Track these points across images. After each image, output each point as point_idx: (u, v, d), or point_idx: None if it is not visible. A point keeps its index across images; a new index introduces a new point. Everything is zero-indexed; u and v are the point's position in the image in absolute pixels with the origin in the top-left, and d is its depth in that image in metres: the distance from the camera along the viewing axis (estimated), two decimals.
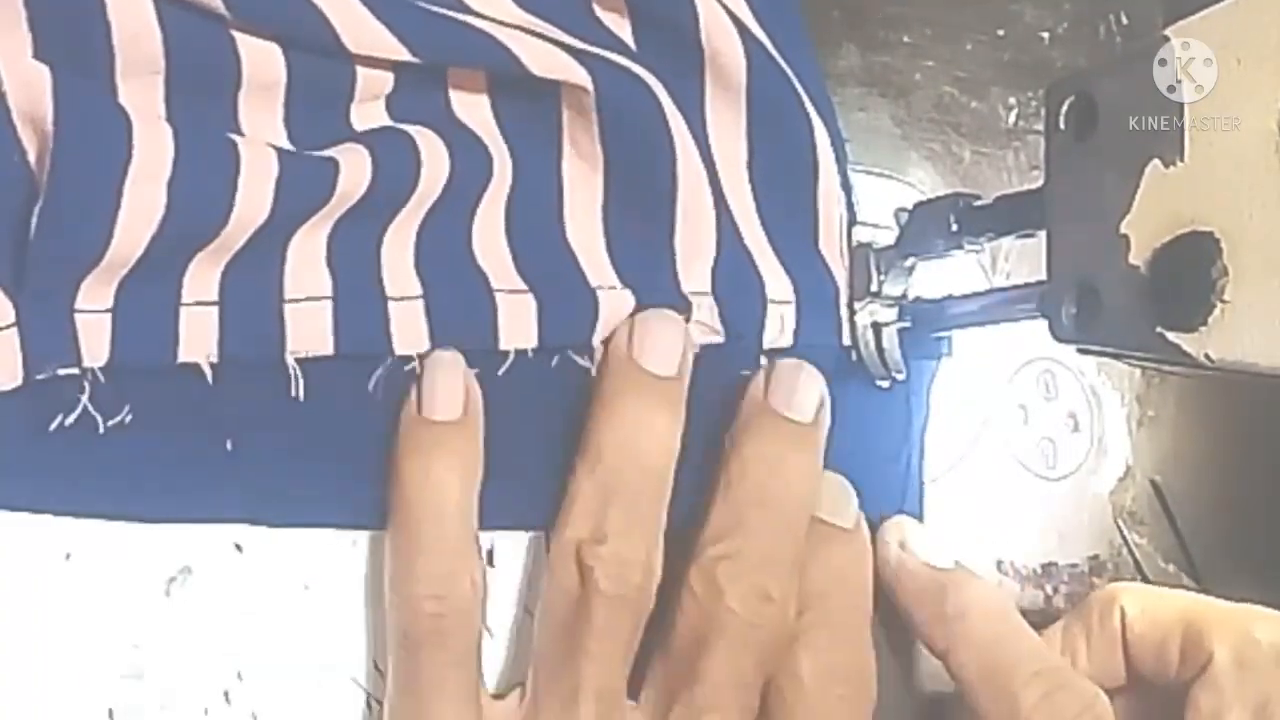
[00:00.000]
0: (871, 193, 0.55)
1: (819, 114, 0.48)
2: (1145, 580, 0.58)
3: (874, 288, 0.50)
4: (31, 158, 0.38)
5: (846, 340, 0.49)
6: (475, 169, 0.44)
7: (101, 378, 0.40)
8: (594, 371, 0.45)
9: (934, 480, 0.55)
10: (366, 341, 0.42)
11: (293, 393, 0.42)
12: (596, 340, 0.45)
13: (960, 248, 0.47)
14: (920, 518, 0.51)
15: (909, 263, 0.50)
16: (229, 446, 0.42)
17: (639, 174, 0.46)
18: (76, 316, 0.39)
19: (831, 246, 0.49)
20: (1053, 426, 0.58)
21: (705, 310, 0.46)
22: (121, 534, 0.42)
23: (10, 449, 0.40)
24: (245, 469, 0.42)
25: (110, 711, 0.42)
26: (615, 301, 0.45)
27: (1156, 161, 0.38)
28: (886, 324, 0.49)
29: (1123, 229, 0.39)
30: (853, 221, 0.50)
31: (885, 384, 0.50)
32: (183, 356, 0.41)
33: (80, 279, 0.38)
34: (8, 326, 0.38)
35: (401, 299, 0.43)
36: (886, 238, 0.50)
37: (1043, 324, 0.42)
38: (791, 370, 0.45)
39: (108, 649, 0.42)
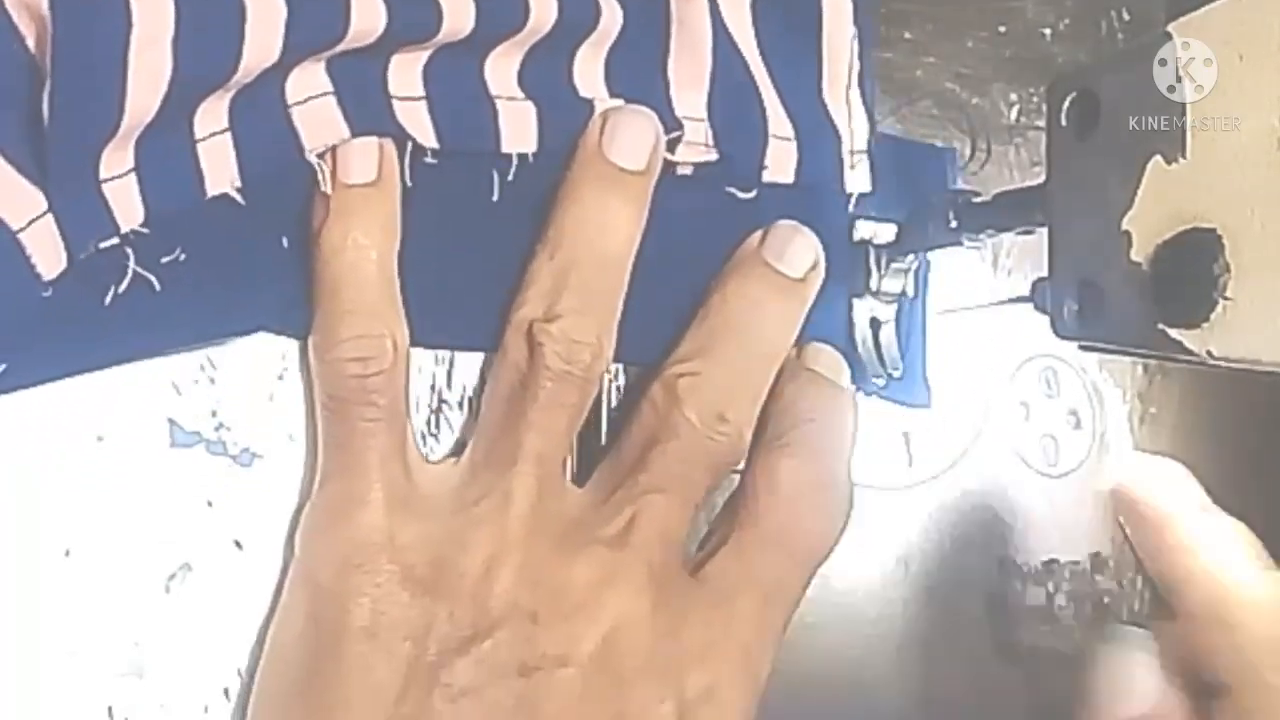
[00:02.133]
0: None
1: None
2: (1146, 577, 0.58)
3: (873, 285, 0.50)
4: (31, 43, 0.38)
5: (849, 187, 0.50)
6: (505, 10, 0.45)
7: (146, 230, 0.40)
8: None
9: (935, 477, 0.55)
10: (377, 125, 0.43)
11: (323, 186, 0.42)
12: None
13: (960, 244, 0.47)
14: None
15: (909, 260, 0.50)
16: (285, 244, 0.43)
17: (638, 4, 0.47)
18: (104, 187, 0.39)
19: (836, 96, 0.50)
20: (1054, 423, 0.58)
21: (700, 133, 0.47)
22: (121, 531, 0.42)
23: (74, 327, 0.40)
24: (305, 261, 0.43)
25: (110, 709, 0.42)
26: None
27: (1158, 158, 0.38)
28: (885, 321, 0.49)
29: (1125, 225, 0.39)
30: (864, 72, 0.51)
31: (881, 381, 0.50)
32: (210, 190, 0.41)
33: (100, 152, 0.38)
34: (42, 215, 0.38)
35: (405, 99, 0.44)
36: (887, 234, 0.50)
37: (1044, 320, 0.42)
38: (789, 230, 0.47)
39: (107, 646, 0.42)
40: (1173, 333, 0.37)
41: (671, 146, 0.47)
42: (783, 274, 0.46)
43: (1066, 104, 0.41)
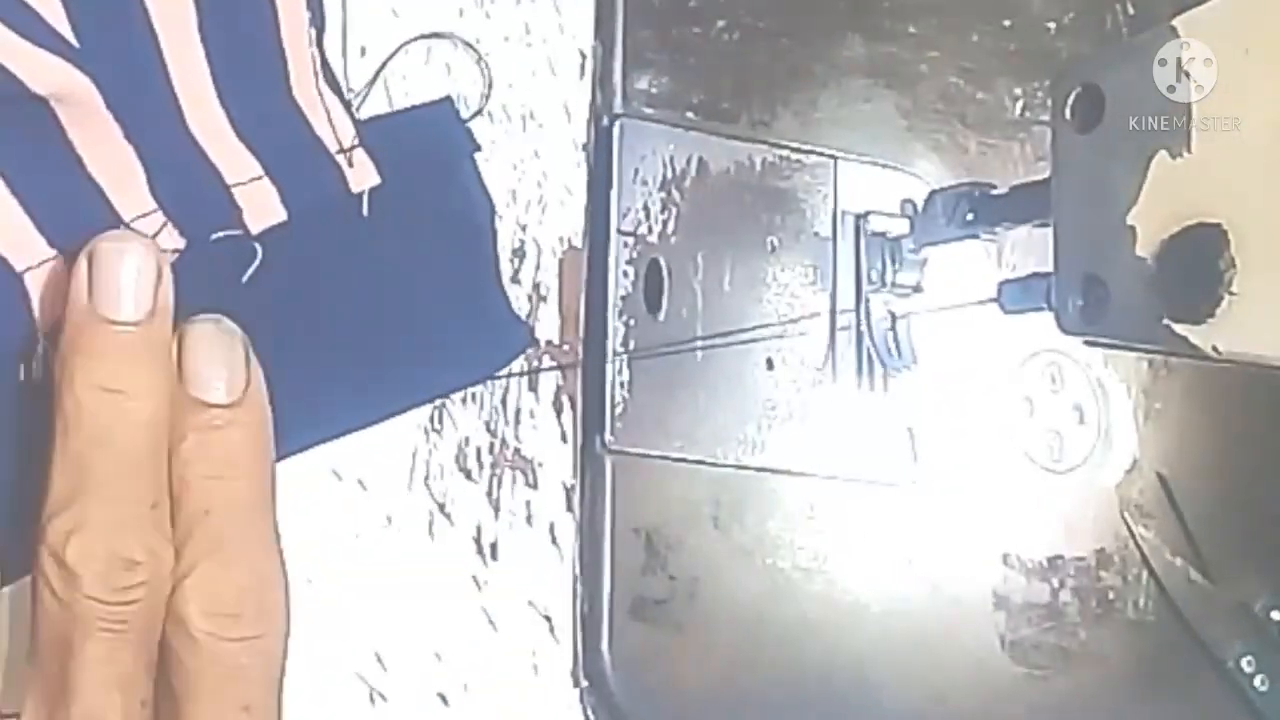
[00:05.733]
0: (877, 184, 0.55)
1: None
2: (1151, 573, 0.58)
3: (888, 278, 0.50)
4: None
5: (355, 186, 0.44)
6: None
7: None
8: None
9: (939, 473, 0.55)
10: None
11: None
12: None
13: (976, 237, 0.47)
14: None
15: (922, 253, 0.50)
16: None
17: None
18: None
19: (308, 95, 0.44)
20: (1059, 419, 0.58)
21: (154, 225, 0.41)
22: None
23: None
24: None
25: None
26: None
27: (1163, 152, 0.38)
28: (902, 315, 0.49)
29: (1130, 220, 0.39)
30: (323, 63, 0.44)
31: (898, 373, 0.50)
32: None
33: None
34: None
35: None
36: (899, 227, 0.50)
37: (1049, 315, 0.42)
38: (112, 257, 0.37)
39: None
40: (1178, 328, 0.37)
41: None
42: (125, 324, 0.37)
43: (1071, 98, 0.41)
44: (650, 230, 0.51)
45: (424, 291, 0.46)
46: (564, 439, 0.48)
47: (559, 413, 0.49)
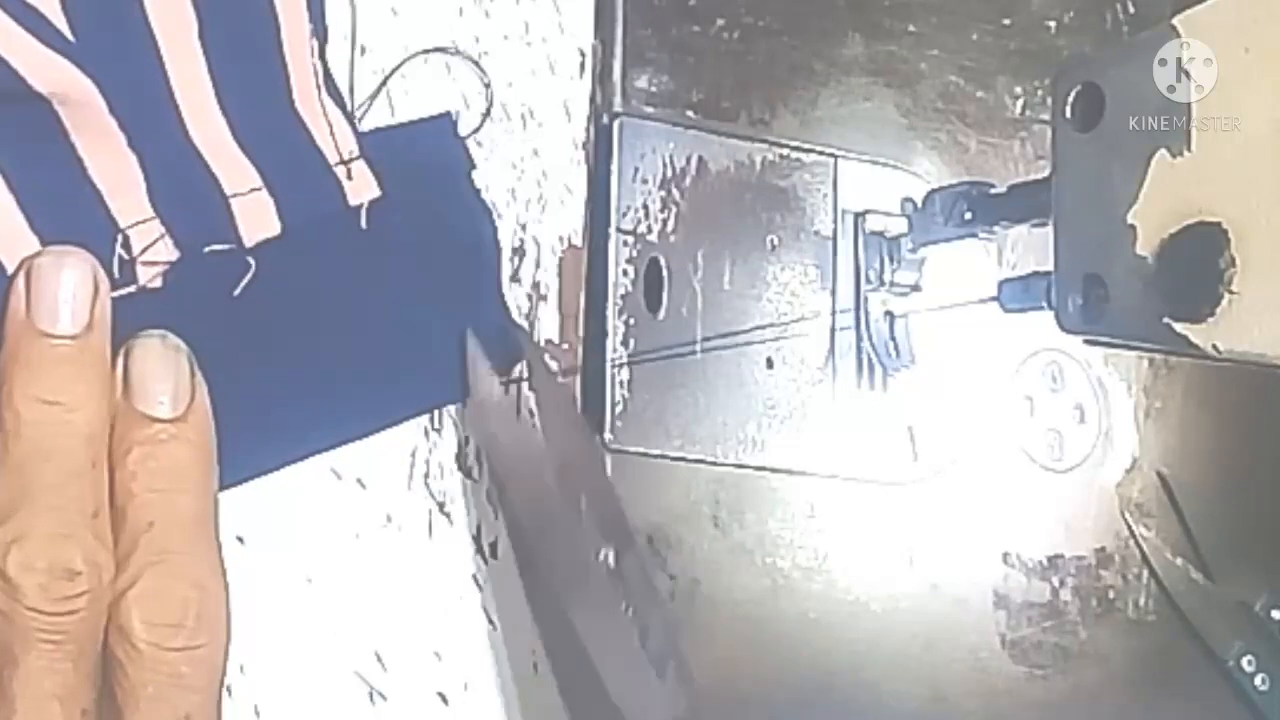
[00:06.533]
0: (877, 182, 0.55)
1: None
2: (1152, 572, 0.58)
3: (886, 277, 0.50)
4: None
5: (354, 198, 0.44)
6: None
7: None
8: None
9: (940, 472, 0.55)
10: None
11: None
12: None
13: (974, 236, 0.47)
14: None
15: (920, 252, 0.50)
16: None
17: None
18: None
19: (310, 107, 0.44)
20: (1059, 418, 0.58)
21: (151, 235, 0.41)
22: None
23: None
24: None
25: None
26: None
27: (1163, 151, 0.38)
28: (901, 315, 0.49)
29: (1130, 219, 0.39)
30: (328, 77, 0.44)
31: (897, 372, 0.50)
32: None
33: None
34: None
35: None
36: (898, 226, 0.50)
37: (1049, 314, 0.42)
38: (51, 269, 0.38)
39: None
40: (1178, 327, 0.37)
41: (127, 267, 0.40)
42: (63, 336, 0.37)
43: (1071, 97, 0.41)
44: (650, 229, 0.51)
45: (423, 304, 0.46)
46: None
47: None
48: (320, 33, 0.44)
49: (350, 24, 0.46)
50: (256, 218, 0.42)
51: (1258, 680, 0.59)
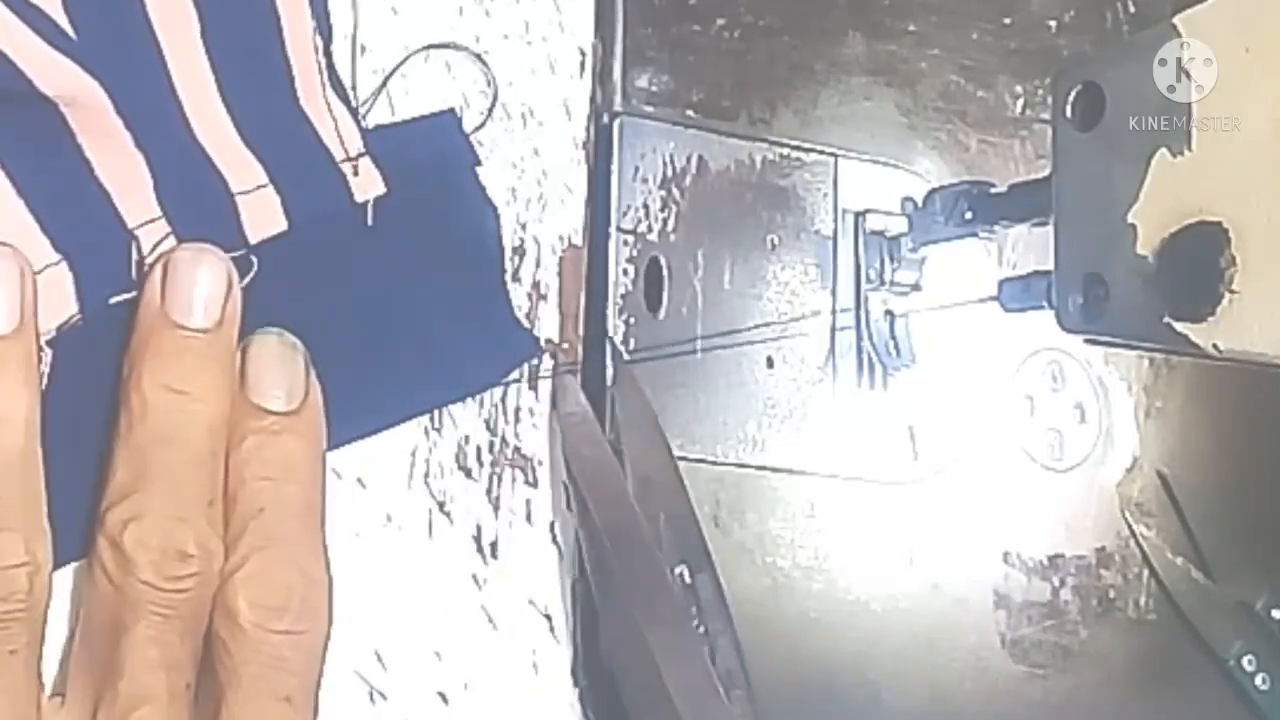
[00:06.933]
0: (878, 182, 0.55)
1: None
2: (1152, 572, 0.58)
3: (886, 276, 0.50)
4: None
5: (359, 195, 0.44)
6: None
7: None
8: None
9: (940, 471, 0.54)
10: None
11: None
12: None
13: (975, 235, 0.47)
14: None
15: (920, 252, 0.50)
16: None
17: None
18: None
19: (315, 104, 0.44)
20: (1059, 417, 0.58)
21: (158, 234, 0.41)
22: None
23: None
24: None
25: None
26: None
27: (1164, 150, 0.38)
28: (901, 314, 0.49)
29: (1130, 218, 0.39)
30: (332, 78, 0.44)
31: (897, 372, 0.50)
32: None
33: None
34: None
35: None
36: (898, 226, 0.50)
37: (1049, 314, 0.42)
38: (188, 265, 0.39)
39: None
40: (1179, 326, 0.37)
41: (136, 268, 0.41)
42: (196, 330, 0.39)
43: (1071, 96, 0.41)
44: (650, 228, 0.51)
45: (428, 301, 0.46)
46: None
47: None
48: (324, 30, 0.44)
49: (351, 23, 0.46)
50: (262, 215, 0.42)
51: (1258, 680, 0.59)
